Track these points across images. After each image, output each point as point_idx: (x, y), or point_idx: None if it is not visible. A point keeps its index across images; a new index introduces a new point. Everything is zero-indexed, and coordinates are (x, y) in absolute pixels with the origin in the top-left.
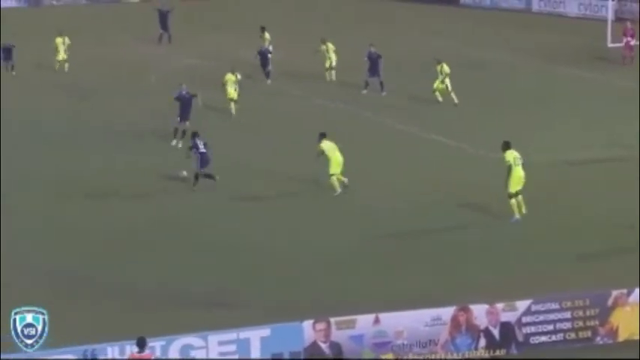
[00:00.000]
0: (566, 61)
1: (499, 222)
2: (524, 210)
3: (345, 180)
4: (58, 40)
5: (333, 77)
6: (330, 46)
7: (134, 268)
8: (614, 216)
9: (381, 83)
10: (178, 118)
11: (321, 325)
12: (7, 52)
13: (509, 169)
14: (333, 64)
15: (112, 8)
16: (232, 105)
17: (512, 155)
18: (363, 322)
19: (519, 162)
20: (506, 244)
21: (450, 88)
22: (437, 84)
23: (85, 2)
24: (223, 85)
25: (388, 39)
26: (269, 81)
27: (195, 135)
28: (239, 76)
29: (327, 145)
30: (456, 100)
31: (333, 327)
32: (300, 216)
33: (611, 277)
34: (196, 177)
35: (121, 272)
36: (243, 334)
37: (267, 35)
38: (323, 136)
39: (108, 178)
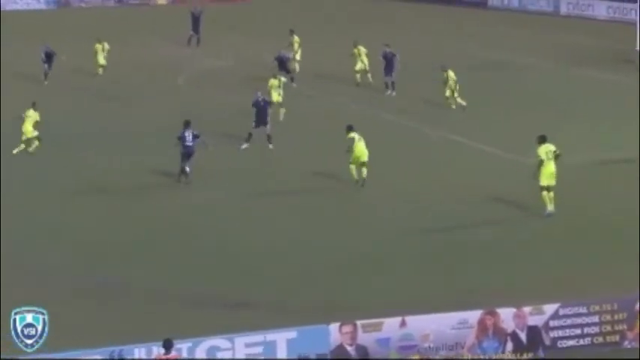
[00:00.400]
0: (594, 63)
1: (515, 224)
2: (552, 208)
3: (364, 175)
4: (98, 46)
5: (370, 80)
6: (362, 49)
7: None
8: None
9: (392, 83)
10: (253, 124)
11: (347, 328)
12: (48, 57)
13: (540, 163)
14: (367, 67)
15: (140, 10)
16: (280, 110)
17: (545, 150)
18: (390, 325)
19: (551, 156)
20: (524, 246)
21: (456, 93)
22: (448, 92)
23: (114, 4)
24: (269, 90)
25: (415, 42)
26: (294, 84)
27: (186, 125)
28: (283, 79)
29: (352, 137)
30: (464, 103)
31: (360, 330)
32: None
33: (627, 281)
34: (182, 169)
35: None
36: (270, 336)
37: (296, 37)
38: (350, 128)
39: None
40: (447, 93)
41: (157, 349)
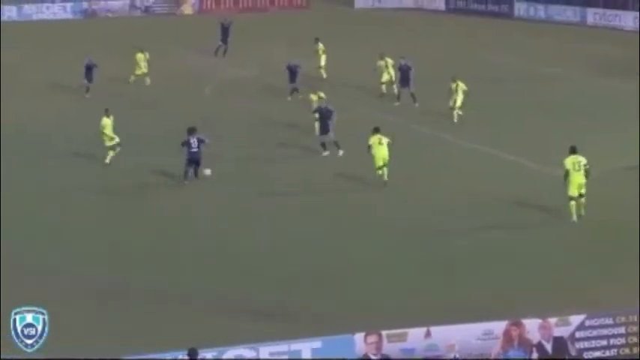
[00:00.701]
0: (621, 74)
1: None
2: (583, 212)
3: (385, 177)
4: (139, 56)
5: (395, 91)
6: (389, 61)
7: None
8: None
9: (412, 95)
10: (318, 131)
11: (372, 338)
12: (88, 70)
13: (566, 173)
14: (394, 78)
15: (167, 20)
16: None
17: (572, 161)
18: (415, 335)
19: (579, 167)
20: (553, 254)
21: (458, 104)
22: (454, 102)
23: (140, 14)
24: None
25: (440, 52)
26: (289, 98)
27: (191, 132)
28: (322, 95)
29: (375, 140)
30: (455, 119)
31: (385, 340)
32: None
33: None
34: (186, 173)
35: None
36: (295, 345)
37: (321, 45)
38: (377, 130)
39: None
40: (455, 103)
41: (183, 356)
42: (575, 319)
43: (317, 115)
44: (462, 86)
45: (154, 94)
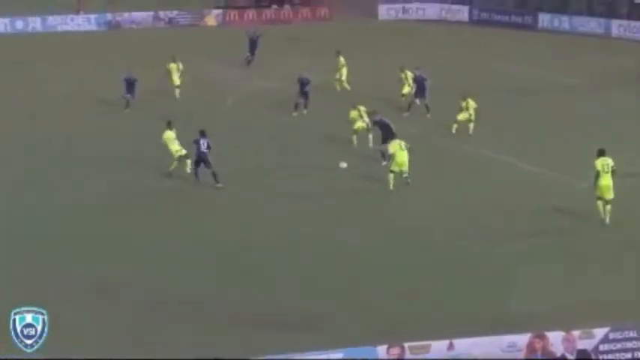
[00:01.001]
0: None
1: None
2: (608, 220)
3: (409, 179)
4: (172, 65)
5: (417, 103)
6: (409, 73)
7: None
8: None
9: (427, 106)
10: (381, 141)
11: (395, 350)
12: (129, 85)
13: (596, 175)
14: (413, 90)
15: (190, 31)
16: (354, 137)
17: (602, 163)
18: (438, 347)
19: (607, 169)
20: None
21: (472, 118)
22: (460, 116)
23: (164, 26)
24: (351, 122)
25: (464, 63)
26: (305, 111)
27: (202, 134)
28: (362, 108)
29: (395, 145)
30: (453, 130)
31: (407, 352)
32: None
33: None
34: (195, 174)
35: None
36: (317, 357)
37: (342, 59)
38: (393, 136)
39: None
40: (460, 116)
41: None
42: (599, 332)
43: (374, 127)
44: (472, 104)
45: (178, 104)
